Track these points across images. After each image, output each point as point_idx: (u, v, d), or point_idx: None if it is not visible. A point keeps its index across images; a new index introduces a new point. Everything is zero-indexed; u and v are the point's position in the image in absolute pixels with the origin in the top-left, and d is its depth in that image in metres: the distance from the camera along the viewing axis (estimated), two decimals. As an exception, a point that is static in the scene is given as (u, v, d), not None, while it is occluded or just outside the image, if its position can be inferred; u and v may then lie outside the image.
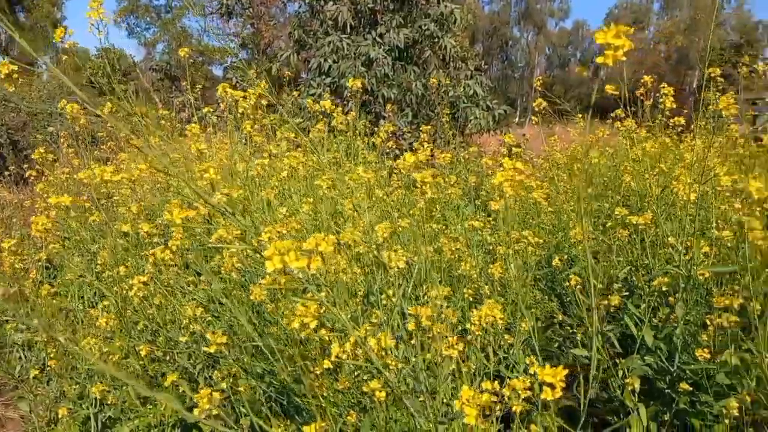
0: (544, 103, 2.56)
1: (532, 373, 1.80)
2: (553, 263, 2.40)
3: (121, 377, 1.04)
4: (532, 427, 1.22)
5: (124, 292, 2.01)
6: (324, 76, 8.01)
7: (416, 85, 7.70)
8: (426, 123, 8.07)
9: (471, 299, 2.52)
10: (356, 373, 1.49)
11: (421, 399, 1.15)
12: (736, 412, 1.72)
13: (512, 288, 2.75)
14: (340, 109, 4.05)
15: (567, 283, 1.98)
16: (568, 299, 2.99)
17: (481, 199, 4.20)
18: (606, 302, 1.88)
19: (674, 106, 2.16)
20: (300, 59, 9.19)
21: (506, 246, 2.85)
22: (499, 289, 2.74)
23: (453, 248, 2.70)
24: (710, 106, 3.26)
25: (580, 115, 3.29)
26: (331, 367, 1.13)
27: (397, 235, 2.79)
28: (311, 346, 1.37)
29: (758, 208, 2.13)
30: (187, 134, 2.70)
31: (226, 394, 1.99)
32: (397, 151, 6.99)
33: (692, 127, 3.33)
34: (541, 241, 2.66)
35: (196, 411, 1.14)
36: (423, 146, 3.20)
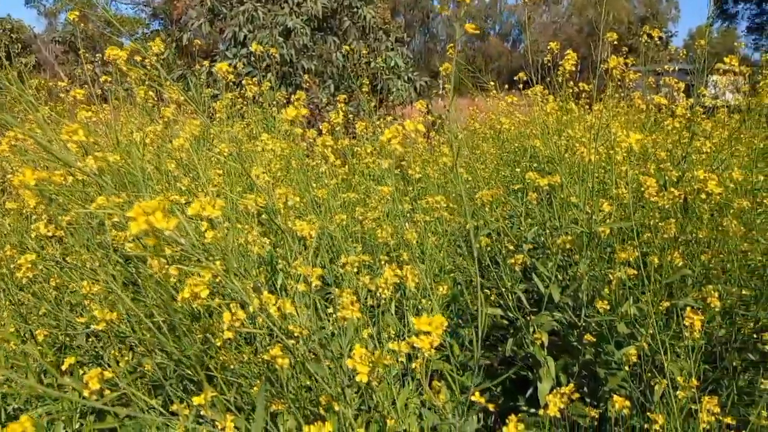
0: (451, 68, 2.57)
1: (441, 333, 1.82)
2: (467, 227, 2.43)
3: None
4: (434, 383, 1.23)
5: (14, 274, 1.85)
6: (240, 47, 7.71)
7: (336, 56, 7.57)
8: (348, 95, 7.99)
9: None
10: (267, 343, 1.45)
11: (327, 364, 1.14)
12: (634, 359, 1.83)
13: (428, 254, 2.79)
14: (256, 79, 3.91)
15: (478, 246, 2.02)
16: (485, 263, 3.08)
17: (401, 169, 4.21)
18: (512, 261, 1.94)
19: (573, 69, 2.23)
20: (215, 29, 8.79)
21: (423, 213, 2.88)
22: (419, 255, 2.77)
23: (371, 217, 2.69)
24: (613, 72, 3.41)
25: (493, 83, 3.34)
26: (232, 338, 1.08)
27: (316, 205, 2.75)
28: (216, 318, 1.32)
29: (653, 167, 2.24)
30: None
31: (136, 375, 1.90)
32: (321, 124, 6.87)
33: (603, 95, 3.47)
34: (456, 206, 2.71)
35: (85, 392, 1.07)
36: (338, 113, 3.15)
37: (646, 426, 1.52)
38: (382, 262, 2.49)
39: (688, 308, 1.48)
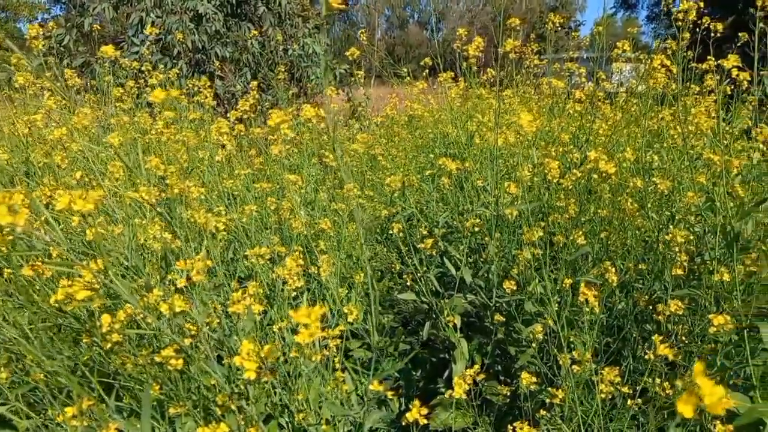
0: (357, 52, 2.56)
1: (352, 321, 1.81)
2: (382, 214, 2.44)
3: None
4: (337, 374, 1.21)
5: None
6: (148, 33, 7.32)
7: (252, 42, 7.35)
8: (267, 83, 7.79)
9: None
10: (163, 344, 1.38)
11: (225, 362, 1.09)
12: (541, 336, 1.90)
13: (346, 242, 2.77)
14: (161, 66, 3.71)
15: (392, 232, 2.02)
16: (406, 249, 3.11)
17: (318, 157, 4.16)
18: (422, 245, 1.95)
19: (479, 54, 2.26)
20: (121, 14, 8.29)
21: (340, 201, 2.86)
22: (335, 244, 2.74)
23: (286, 207, 2.64)
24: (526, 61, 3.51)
25: (405, 70, 3.35)
26: (120, 340, 1.02)
27: (231, 197, 2.66)
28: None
29: (553, 149, 2.31)
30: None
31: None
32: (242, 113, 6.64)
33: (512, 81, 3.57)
34: (372, 194, 2.70)
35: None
36: (248, 101, 3.04)
37: (548, 400, 1.58)
38: (297, 253, 2.45)
39: (582, 284, 1.55)
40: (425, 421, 1.07)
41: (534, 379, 1.69)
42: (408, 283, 2.35)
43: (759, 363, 1.60)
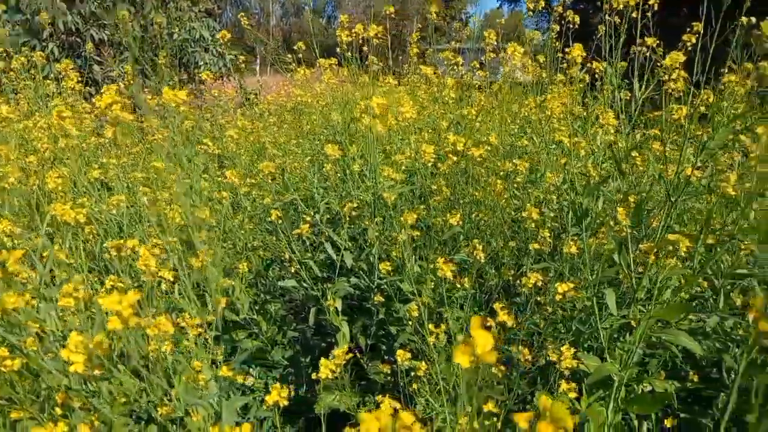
0: (228, 35, 2.50)
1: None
2: (264, 202, 2.41)
3: None
4: (195, 363, 1.19)
5: None
6: (13, 12, 6.68)
7: (133, 26, 6.92)
8: (152, 68, 7.37)
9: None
10: None
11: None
12: (416, 314, 1.97)
13: (231, 233, 2.71)
14: (25, 50, 3.40)
15: (269, 218, 2.00)
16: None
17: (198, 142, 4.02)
18: (298, 231, 1.96)
19: (377, 40, 2.29)
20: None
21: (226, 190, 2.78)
22: (218, 234, 2.67)
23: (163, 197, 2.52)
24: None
25: (290, 57, 3.32)
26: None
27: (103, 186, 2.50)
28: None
29: (427, 135, 2.38)
30: None
31: None
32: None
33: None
34: (254, 181, 2.65)
35: None
36: (113, 87, 2.86)
37: (417, 373, 1.65)
38: (153, 240, 2.35)
39: (440, 260, 1.63)
40: (286, 403, 1.08)
41: (408, 356, 1.75)
42: (293, 270, 2.35)
43: (606, 326, 1.77)
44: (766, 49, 1.26)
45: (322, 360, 1.30)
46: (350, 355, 1.42)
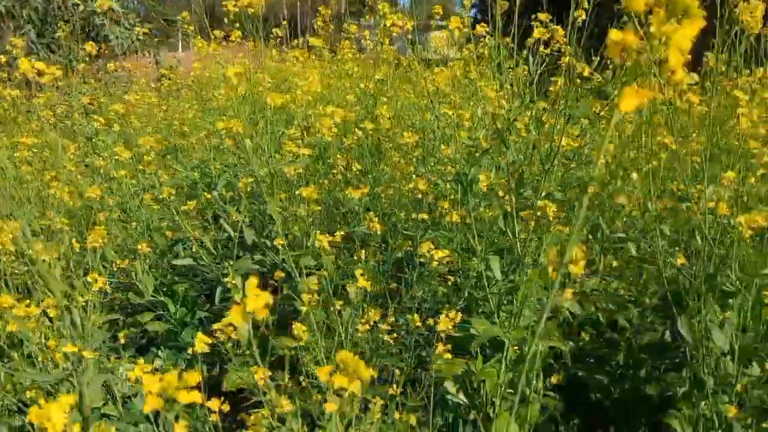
0: (107, 4, 2.38)
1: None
2: (161, 180, 2.34)
3: None
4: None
5: None
6: None
7: (34, -5, 6.48)
8: (57, 43, 6.93)
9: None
10: None
11: None
12: (315, 286, 1.98)
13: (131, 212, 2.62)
14: None
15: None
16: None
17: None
18: (186, 207, 1.92)
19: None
20: None
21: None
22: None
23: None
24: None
25: (192, 28, 3.19)
26: None
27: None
28: None
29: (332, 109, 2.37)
30: None
31: None
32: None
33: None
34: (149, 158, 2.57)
35: None
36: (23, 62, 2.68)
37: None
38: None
39: (317, 233, 1.64)
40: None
41: (305, 328, 1.76)
42: (194, 249, 2.30)
43: (495, 291, 1.85)
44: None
45: (198, 334, 1.29)
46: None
